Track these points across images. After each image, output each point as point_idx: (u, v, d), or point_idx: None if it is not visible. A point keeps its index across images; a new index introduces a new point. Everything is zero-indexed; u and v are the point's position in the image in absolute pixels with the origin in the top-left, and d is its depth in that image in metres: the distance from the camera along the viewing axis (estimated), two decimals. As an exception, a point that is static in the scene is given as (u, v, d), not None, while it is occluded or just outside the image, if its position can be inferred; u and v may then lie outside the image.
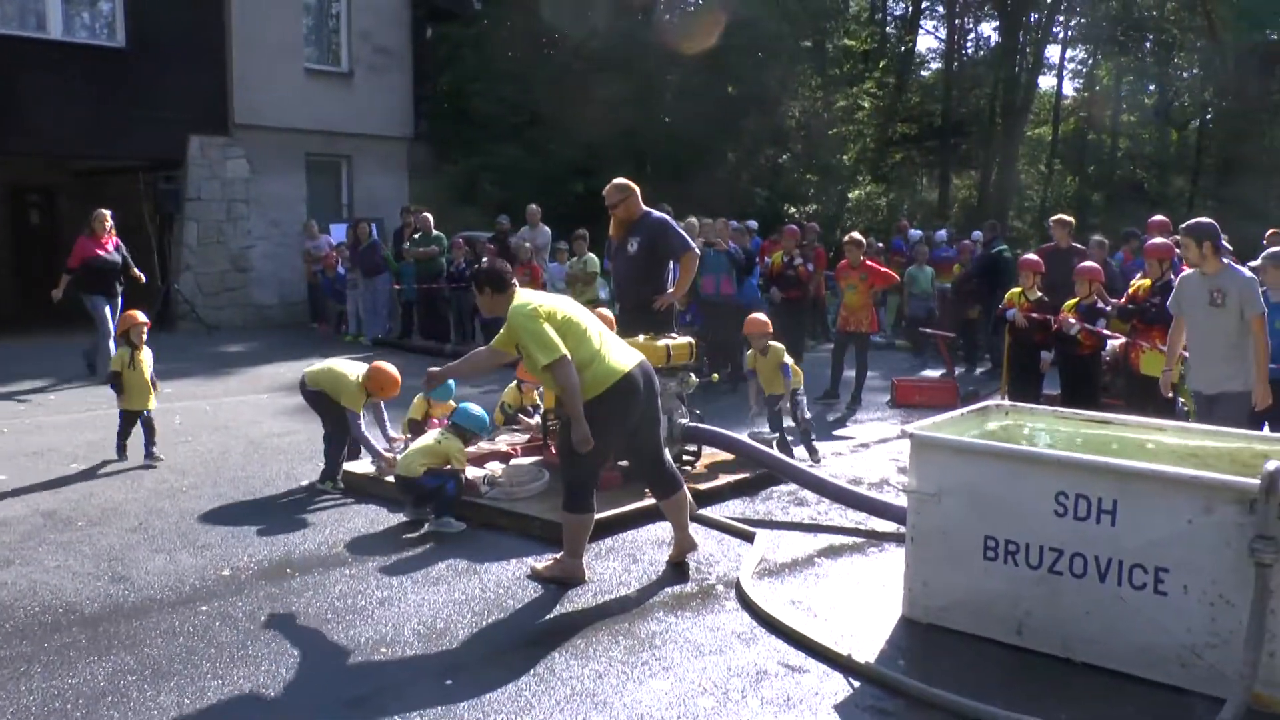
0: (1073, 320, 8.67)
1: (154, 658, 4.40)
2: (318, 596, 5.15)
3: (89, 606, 4.99)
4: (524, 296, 5.28)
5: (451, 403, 7.63)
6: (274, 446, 8.52)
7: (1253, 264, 8.15)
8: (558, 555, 5.47)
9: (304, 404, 7.53)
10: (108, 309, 11.38)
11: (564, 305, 5.34)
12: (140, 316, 8.02)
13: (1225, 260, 6.52)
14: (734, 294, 11.97)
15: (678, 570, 5.58)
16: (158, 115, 16.46)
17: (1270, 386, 7.22)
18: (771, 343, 8.19)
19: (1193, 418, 6.68)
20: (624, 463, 7.09)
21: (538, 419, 7.83)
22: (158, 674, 4.24)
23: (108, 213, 11.81)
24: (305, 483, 7.33)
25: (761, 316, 8.32)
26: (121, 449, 7.89)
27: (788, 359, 8.20)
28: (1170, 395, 6.84)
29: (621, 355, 5.29)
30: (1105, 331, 8.63)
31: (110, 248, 11.65)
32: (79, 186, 18.99)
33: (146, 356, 7.98)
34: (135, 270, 11.83)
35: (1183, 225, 6.74)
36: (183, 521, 6.38)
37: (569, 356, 5.01)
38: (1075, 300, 8.89)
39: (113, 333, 11.37)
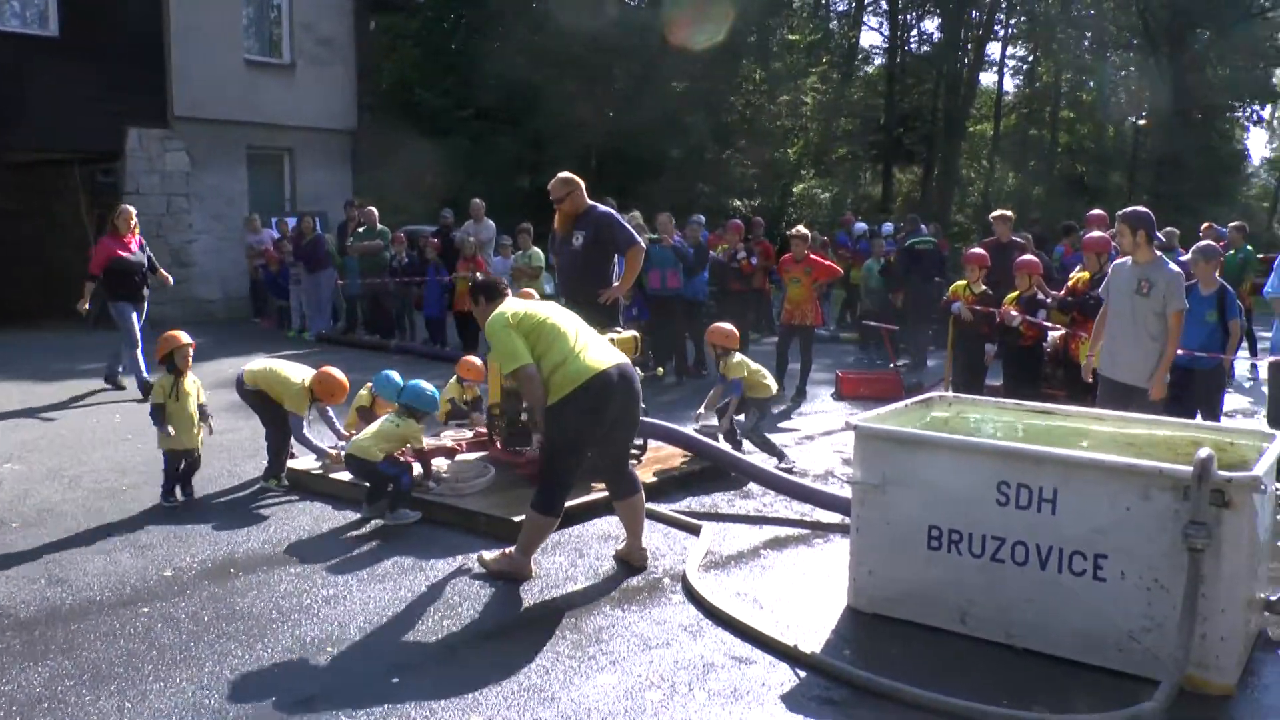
0: (1014, 313, 8.80)
1: (93, 661, 4.32)
2: (262, 596, 5.09)
3: (24, 610, 4.88)
4: (502, 306, 5.35)
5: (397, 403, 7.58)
6: (216, 444, 8.37)
7: (1183, 258, 8.34)
8: (508, 549, 5.45)
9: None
10: (134, 315, 10.57)
11: (542, 309, 5.39)
12: (184, 337, 6.91)
13: (1158, 252, 6.64)
14: (680, 288, 12.00)
15: (624, 564, 5.59)
16: (94, 106, 16.14)
17: (1190, 375, 7.50)
18: (738, 357, 7.90)
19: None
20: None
21: (483, 414, 7.79)
22: (97, 678, 4.16)
23: (132, 209, 10.99)
24: (249, 480, 7.23)
25: (725, 327, 8.01)
26: (170, 492, 6.70)
27: (744, 375, 7.84)
28: (1091, 379, 6.97)
29: (599, 355, 5.26)
30: (1046, 323, 8.77)
31: (135, 247, 10.74)
32: (12, 178, 18.58)
33: (192, 384, 6.87)
34: (162, 271, 11.11)
35: (1119, 212, 6.88)
36: (123, 521, 6.28)
37: (531, 366, 5.07)
38: (1016, 293, 9.02)
39: (140, 344, 10.54)
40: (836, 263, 13.11)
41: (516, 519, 6.00)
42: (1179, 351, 7.51)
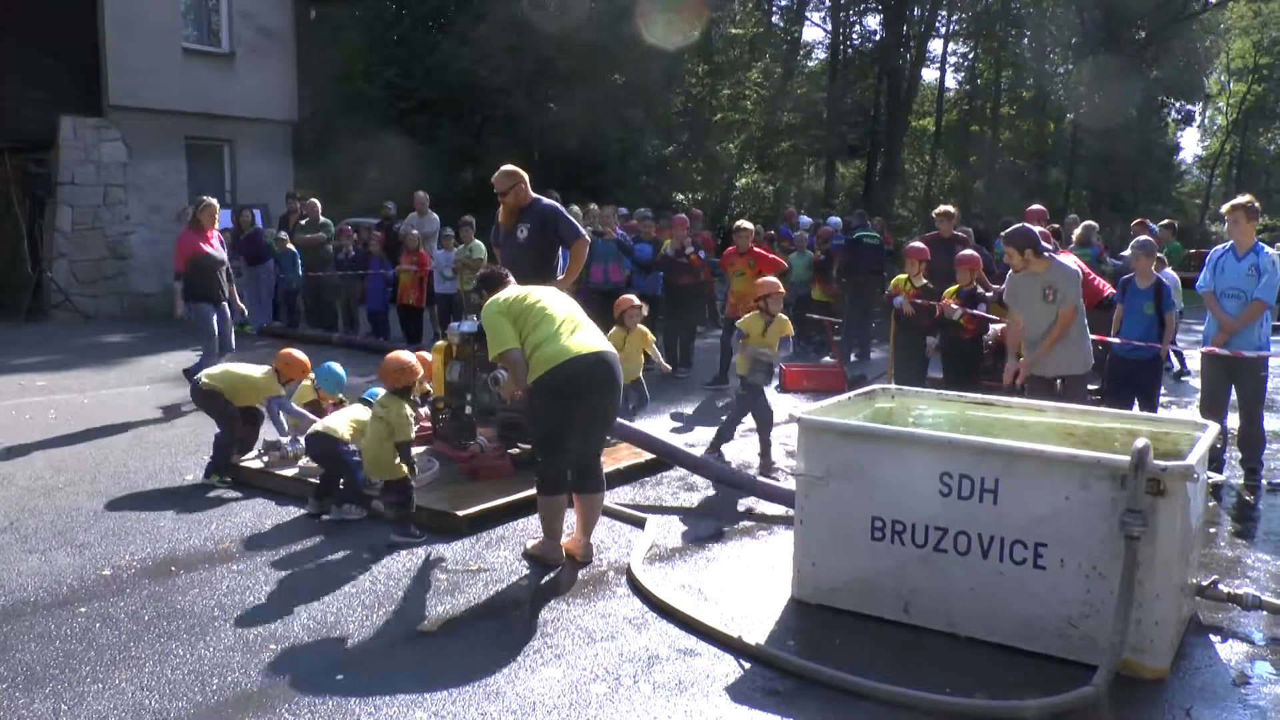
0: (955, 306, 8.91)
1: (27, 663, 4.23)
2: (204, 594, 5.01)
3: (-44, 610, 4.77)
4: (501, 293, 5.58)
5: (340, 395, 7.53)
6: (156, 440, 8.26)
7: (1124, 253, 8.52)
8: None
9: (187, 396, 7.35)
10: (215, 317, 9.76)
11: (536, 293, 5.58)
12: (417, 364, 6.27)
13: (1049, 257, 6.92)
14: (621, 281, 11.99)
15: (568, 558, 5.57)
16: (24, 94, 15.75)
17: (1128, 365, 7.86)
18: (781, 314, 8.02)
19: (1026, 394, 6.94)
20: (514, 450, 7.08)
21: (426, 409, 7.75)
22: (31, 681, 4.07)
23: (215, 201, 10.07)
24: (190, 477, 7.12)
25: (775, 280, 8.25)
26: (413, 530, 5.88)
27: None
28: (1014, 383, 7.13)
29: (581, 340, 5.37)
30: (985, 314, 8.88)
31: (216, 242, 9.94)
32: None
33: None
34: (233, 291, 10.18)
35: (1003, 234, 7.16)
36: (59, 520, 6.15)
37: (515, 350, 5.30)
38: (956, 287, 9.14)
39: (217, 351, 9.74)
40: (780, 256, 13.18)
41: (460, 513, 6.00)
42: (1116, 340, 7.75)
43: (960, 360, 9.11)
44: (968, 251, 9.62)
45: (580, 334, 5.40)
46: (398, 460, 5.86)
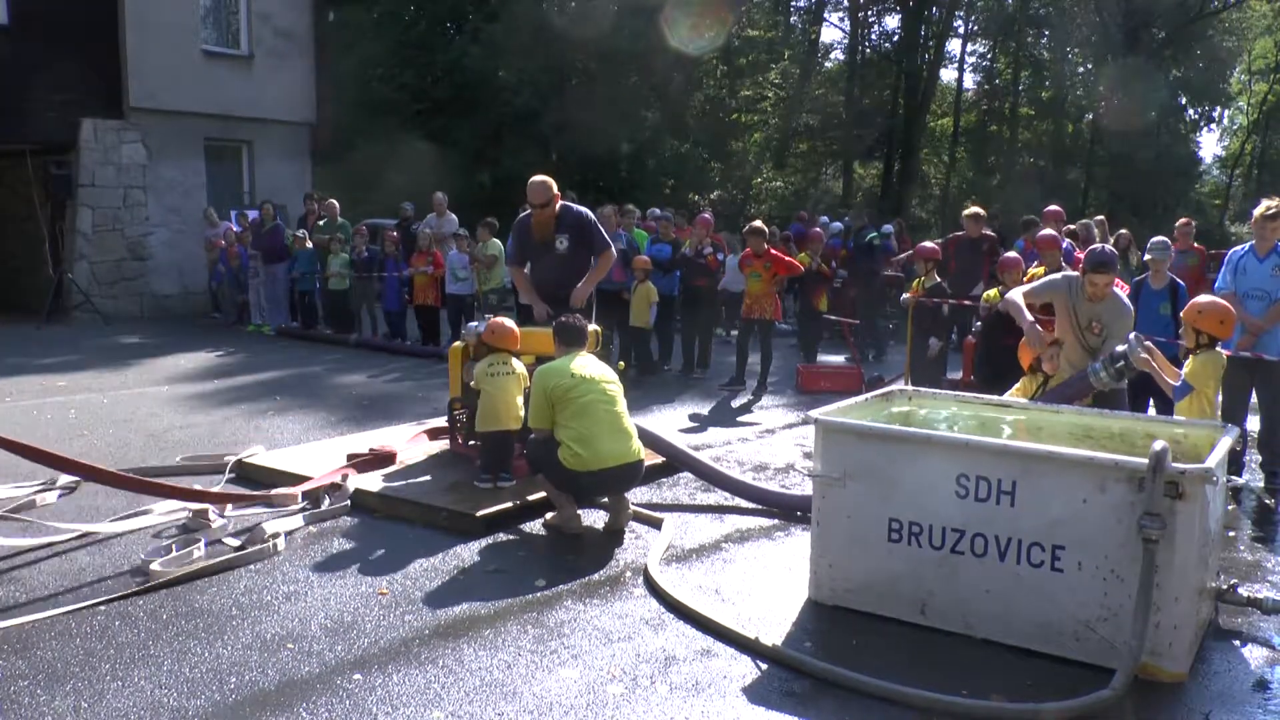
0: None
1: (48, 660, 4.26)
2: (222, 593, 5.04)
3: (-22, 608, 4.81)
4: (557, 363, 5.95)
5: None
6: (175, 439, 8.31)
7: (1147, 258, 8.45)
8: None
9: (205, 395, 7.35)
10: None
11: (588, 381, 5.86)
12: None
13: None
14: (626, 282, 11.93)
15: (607, 532, 6.00)
16: (46, 96, 15.88)
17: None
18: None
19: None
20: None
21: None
22: (52, 678, 4.10)
23: None
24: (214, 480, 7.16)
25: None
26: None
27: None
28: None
29: (613, 449, 5.81)
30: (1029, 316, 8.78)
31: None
32: (-37, 170, 18.29)
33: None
34: None
35: (1098, 260, 6.23)
36: (79, 518, 6.18)
37: (544, 431, 5.85)
38: (996, 290, 9.09)
39: None
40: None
41: (478, 514, 6.01)
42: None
43: (1003, 365, 8.99)
44: (1011, 255, 9.55)
45: (616, 438, 5.84)
46: None
